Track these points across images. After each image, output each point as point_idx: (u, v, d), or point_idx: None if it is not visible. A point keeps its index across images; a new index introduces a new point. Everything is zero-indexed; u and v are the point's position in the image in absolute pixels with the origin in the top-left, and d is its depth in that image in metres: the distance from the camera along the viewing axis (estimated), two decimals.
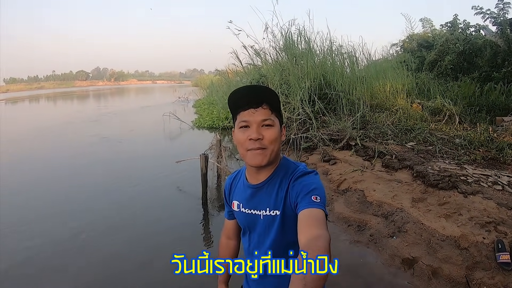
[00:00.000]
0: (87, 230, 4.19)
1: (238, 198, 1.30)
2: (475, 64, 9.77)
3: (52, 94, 49.64)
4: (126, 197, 5.36)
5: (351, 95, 7.18)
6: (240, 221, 1.33)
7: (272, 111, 1.13)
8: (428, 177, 4.20)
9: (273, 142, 1.13)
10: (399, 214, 3.70)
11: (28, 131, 12.56)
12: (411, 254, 3.13)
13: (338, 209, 4.15)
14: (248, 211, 1.25)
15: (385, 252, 3.27)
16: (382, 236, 3.49)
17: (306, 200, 1.03)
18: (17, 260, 3.54)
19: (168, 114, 12.44)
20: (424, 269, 2.94)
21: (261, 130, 1.12)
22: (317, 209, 1.00)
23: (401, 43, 14.74)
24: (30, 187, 6.01)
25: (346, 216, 3.98)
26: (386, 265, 3.11)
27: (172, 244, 3.78)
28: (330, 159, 5.43)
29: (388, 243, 3.36)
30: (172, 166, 6.37)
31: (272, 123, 1.13)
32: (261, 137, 1.11)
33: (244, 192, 1.27)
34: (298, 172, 1.14)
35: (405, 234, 3.40)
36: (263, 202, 1.20)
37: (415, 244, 3.25)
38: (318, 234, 0.91)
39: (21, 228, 4.30)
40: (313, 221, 0.97)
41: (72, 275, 3.28)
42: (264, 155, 1.13)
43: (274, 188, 1.17)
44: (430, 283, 2.81)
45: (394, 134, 6.03)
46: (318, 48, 8.46)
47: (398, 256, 3.16)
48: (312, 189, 1.06)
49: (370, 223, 3.74)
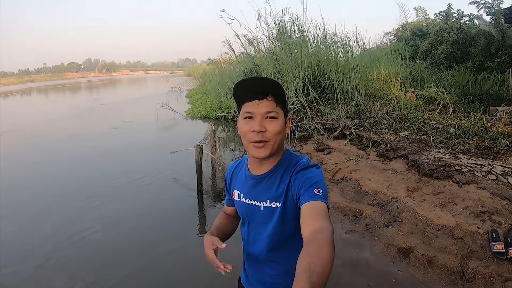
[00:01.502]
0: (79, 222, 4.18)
1: (239, 188, 1.30)
2: (468, 54, 9.80)
3: (44, 87, 48.64)
4: (120, 189, 5.30)
5: (345, 84, 7.15)
6: (240, 211, 1.33)
7: (277, 104, 1.12)
8: (423, 167, 4.21)
9: (276, 135, 1.12)
10: (394, 203, 3.70)
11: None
12: (407, 244, 3.13)
13: (333, 199, 4.14)
14: (248, 202, 1.25)
15: (381, 241, 3.26)
16: (378, 225, 3.50)
17: (308, 193, 1.03)
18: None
19: (161, 105, 12.30)
20: (419, 258, 2.94)
21: (264, 122, 1.11)
22: (320, 202, 1.01)
23: (394, 32, 14.71)
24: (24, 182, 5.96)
25: (341, 205, 3.98)
26: (382, 254, 3.11)
27: (168, 235, 3.77)
28: (325, 149, 5.41)
29: (383, 233, 3.36)
30: (167, 157, 6.32)
31: (276, 115, 1.12)
32: (264, 130, 1.10)
33: (245, 182, 1.27)
34: (300, 165, 1.14)
35: (400, 223, 3.40)
36: (264, 193, 1.20)
37: (411, 233, 3.25)
38: (321, 226, 0.91)
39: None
40: (316, 214, 0.97)
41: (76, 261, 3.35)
42: (266, 148, 1.12)
43: (276, 180, 1.17)
44: (426, 272, 2.82)
45: (388, 123, 6.04)
46: (311, 37, 8.40)
47: (394, 245, 3.16)
48: (314, 182, 1.06)
49: (366, 213, 3.74)
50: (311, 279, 0.75)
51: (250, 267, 1.37)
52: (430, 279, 2.75)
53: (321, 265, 0.79)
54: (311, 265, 0.78)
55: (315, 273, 0.77)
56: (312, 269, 0.77)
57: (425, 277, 2.78)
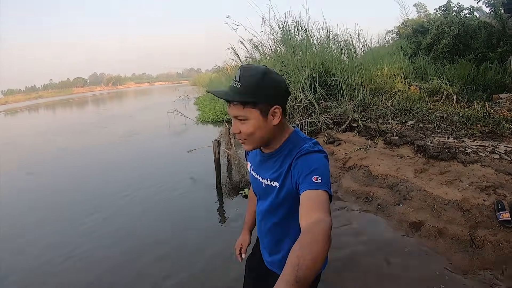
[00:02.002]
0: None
1: (250, 160, 1.40)
2: (470, 46, 9.85)
3: (51, 103, 49.37)
4: (143, 189, 5.46)
5: (351, 81, 7.38)
6: (251, 182, 1.42)
7: (244, 106, 1.11)
8: (428, 150, 4.38)
9: (250, 134, 1.15)
10: (403, 184, 3.90)
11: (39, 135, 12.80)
12: (417, 218, 3.33)
13: (345, 184, 4.36)
14: (255, 175, 1.34)
15: (393, 218, 3.47)
16: (389, 204, 3.70)
17: (307, 181, 1.02)
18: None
19: (172, 111, 12.59)
20: (430, 230, 3.14)
21: (238, 124, 1.15)
22: (318, 191, 0.99)
23: (396, 30, 14.83)
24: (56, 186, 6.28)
25: (354, 189, 4.19)
26: (395, 229, 3.31)
27: (191, 229, 3.90)
28: (334, 141, 5.61)
29: (395, 210, 3.57)
30: (184, 157, 6.62)
31: (245, 117, 1.13)
32: (238, 131, 1.17)
33: (256, 156, 1.35)
34: (302, 151, 1.12)
35: (410, 201, 3.61)
36: (267, 171, 1.25)
37: (420, 209, 3.45)
38: (318, 218, 0.90)
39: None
40: (314, 204, 0.96)
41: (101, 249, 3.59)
42: (248, 144, 1.19)
43: (278, 161, 1.20)
44: (437, 242, 3.01)
45: (394, 115, 6.22)
46: (315, 38, 8.65)
47: (405, 221, 3.37)
48: (312, 169, 1.04)
49: (377, 194, 3.95)
50: (297, 273, 0.76)
51: (259, 233, 1.46)
52: (441, 248, 2.92)
53: (311, 258, 0.79)
54: (300, 259, 0.78)
55: (303, 267, 0.77)
56: (300, 263, 0.77)
57: (436, 246, 2.96)
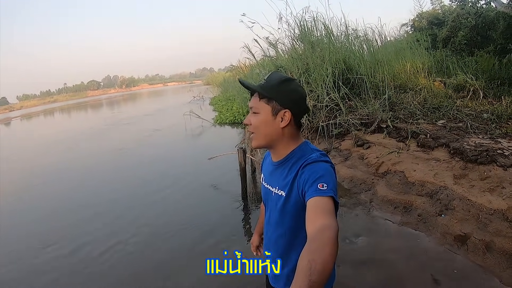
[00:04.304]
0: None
1: (264, 171, 1.42)
2: (489, 38, 9.55)
3: (66, 107, 50.56)
4: (164, 198, 5.45)
5: (374, 78, 7.19)
6: (262, 193, 1.44)
7: (260, 99, 1.20)
8: (466, 153, 4.22)
9: (256, 128, 1.21)
10: (443, 192, 3.74)
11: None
12: (462, 231, 3.18)
13: (381, 192, 4.22)
14: (266, 185, 1.35)
15: (436, 231, 3.32)
16: (430, 215, 3.55)
17: (313, 188, 1.04)
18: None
19: (189, 113, 12.59)
20: (477, 244, 2.99)
21: (251, 116, 1.23)
22: (325, 198, 1.00)
23: (411, 23, 14.53)
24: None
25: (390, 198, 4.04)
26: (439, 244, 3.16)
27: (215, 241, 3.81)
28: (363, 143, 5.46)
29: (437, 222, 3.42)
30: (205, 163, 6.55)
31: (257, 110, 1.21)
32: (249, 123, 1.24)
33: (268, 167, 1.37)
34: (309, 160, 1.14)
35: (453, 211, 3.45)
36: (276, 180, 1.27)
37: (464, 220, 3.30)
38: (325, 224, 0.91)
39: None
40: (320, 211, 0.97)
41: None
42: (254, 139, 1.24)
43: (286, 170, 1.22)
44: (485, 257, 2.86)
45: (423, 114, 6.01)
46: (335, 33, 8.43)
47: (450, 233, 3.22)
48: (318, 176, 1.06)
49: (416, 203, 3.79)
50: (311, 277, 0.76)
51: (266, 245, 1.43)
52: (490, 264, 2.78)
53: (322, 263, 0.79)
54: (312, 263, 0.78)
55: (315, 271, 0.77)
56: (312, 268, 0.77)
57: (485, 262, 2.82)
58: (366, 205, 4.15)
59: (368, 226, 3.67)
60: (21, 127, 28.34)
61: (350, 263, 3.02)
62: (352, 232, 3.56)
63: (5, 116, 48.91)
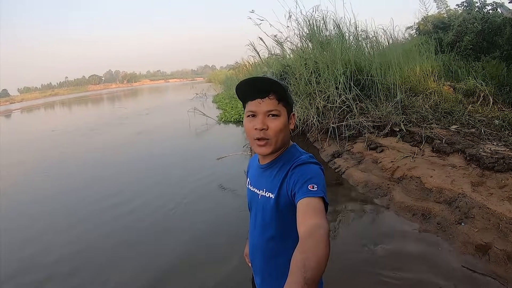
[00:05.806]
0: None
1: (250, 175, 1.42)
2: (495, 43, 9.57)
3: (67, 100, 50.22)
4: (175, 200, 5.27)
5: (386, 80, 7.15)
6: (247, 197, 1.42)
7: (279, 101, 1.17)
8: (482, 160, 4.19)
9: (277, 133, 1.17)
10: (462, 199, 3.70)
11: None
12: (483, 240, 3.13)
13: (398, 198, 4.16)
14: (252, 189, 1.34)
15: (456, 239, 3.27)
16: (449, 223, 3.50)
17: (303, 190, 1.05)
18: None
19: (193, 111, 12.49)
20: (499, 254, 2.94)
21: (266, 120, 1.17)
22: (316, 198, 1.02)
23: (416, 26, 14.48)
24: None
25: (408, 205, 3.99)
26: (460, 253, 3.11)
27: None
28: (376, 147, 5.41)
29: (457, 230, 3.36)
30: (214, 163, 6.53)
31: (278, 113, 1.17)
32: (265, 128, 1.16)
33: (254, 171, 1.37)
34: (298, 161, 1.15)
35: (472, 219, 3.40)
36: (263, 182, 1.26)
37: (485, 229, 3.25)
38: (316, 223, 0.92)
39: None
40: (311, 211, 0.98)
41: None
42: (268, 145, 1.18)
43: (274, 172, 1.22)
44: (507, 268, 2.81)
45: (435, 118, 5.98)
46: (346, 34, 8.37)
47: (470, 243, 3.17)
48: (309, 178, 1.07)
49: (434, 211, 3.74)
50: (305, 274, 0.76)
51: (251, 253, 1.41)
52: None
53: (316, 261, 0.80)
54: (306, 261, 0.79)
55: (309, 268, 0.77)
56: (306, 265, 0.78)
57: (508, 273, 2.77)
58: (383, 210, 4.12)
59: (387, 233, 3.64)
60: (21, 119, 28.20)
61: (368, 274, 2.99)
62: (371, 239, 3.51)
63: (6, 108, 48.71)
